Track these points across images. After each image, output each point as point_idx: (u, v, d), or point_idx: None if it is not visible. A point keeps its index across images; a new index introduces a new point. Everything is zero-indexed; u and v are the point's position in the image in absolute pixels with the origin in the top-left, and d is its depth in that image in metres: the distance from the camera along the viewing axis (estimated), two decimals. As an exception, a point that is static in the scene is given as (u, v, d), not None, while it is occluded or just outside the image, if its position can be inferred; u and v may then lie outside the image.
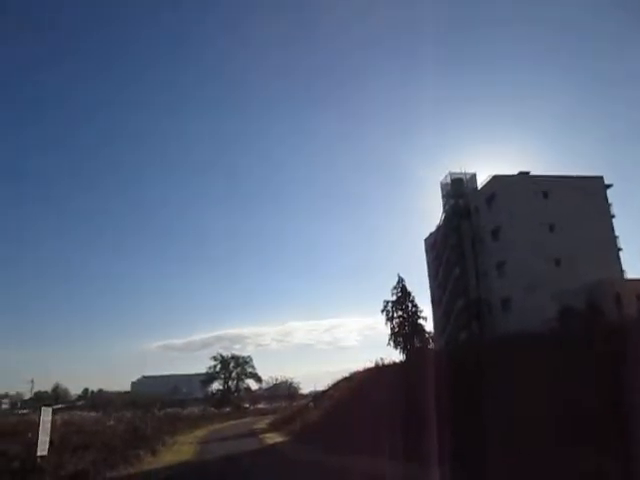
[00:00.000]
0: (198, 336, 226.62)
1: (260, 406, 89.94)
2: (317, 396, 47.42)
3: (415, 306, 47.99)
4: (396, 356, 42.54)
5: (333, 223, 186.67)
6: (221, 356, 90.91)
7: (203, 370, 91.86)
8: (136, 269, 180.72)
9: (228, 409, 77.20)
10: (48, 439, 15.89)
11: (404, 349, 45.39)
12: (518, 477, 10.43)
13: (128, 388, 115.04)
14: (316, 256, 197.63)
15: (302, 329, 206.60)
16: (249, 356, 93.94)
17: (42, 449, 15.44)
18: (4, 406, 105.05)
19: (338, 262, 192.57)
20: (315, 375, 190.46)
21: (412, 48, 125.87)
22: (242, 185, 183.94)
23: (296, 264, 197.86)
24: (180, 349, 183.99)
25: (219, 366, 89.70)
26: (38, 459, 15.29)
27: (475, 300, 44.56)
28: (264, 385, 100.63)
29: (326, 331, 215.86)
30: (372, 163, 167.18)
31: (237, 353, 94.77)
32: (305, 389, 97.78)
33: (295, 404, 61.54)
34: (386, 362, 31.59)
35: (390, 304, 48.15)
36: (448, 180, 49.13)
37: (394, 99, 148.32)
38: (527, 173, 44.01)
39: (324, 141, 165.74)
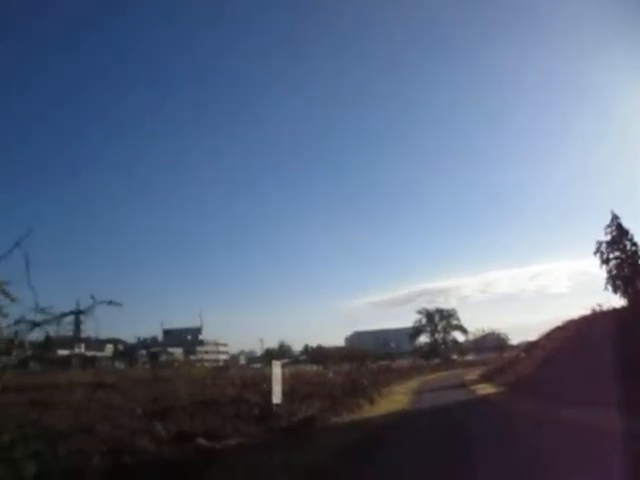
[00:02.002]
0: (403, 291, 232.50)
1: (468, 358, 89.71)
2: (528, 346, 45.75)
3: (635, 245, 43.09)
4: (615, 302, 38.83)
5: (528, 161, 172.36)
6: (426, 310, 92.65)
7: (409, 324, 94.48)
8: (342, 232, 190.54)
9: (437, 361, 78.52)
10: (280, 389, 18.02)
11: (624, 293, 41.30)
12: None
13: (342, 343, 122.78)
14: (513, 199, 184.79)
15: (504, 278, 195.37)
16: (453, 309, 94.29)
17: (276, 397, 17.45)
18: (241, 361, 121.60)
19: (538, 203, 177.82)
20: (521, 325, 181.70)
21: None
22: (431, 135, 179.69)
23: (490, 210, 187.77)
24: (387, 305, 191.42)
25: (424, 320, 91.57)
26: (274, 406, 17.27)
27: None
28: (470, 337, 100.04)
29: (531, 279, 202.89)
30: (571, 93, 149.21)
31: (440, 306, 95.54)
32: (513, 340, 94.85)
33: (505, 355, 60.15)
34: (604, 308, 29.20)
35: (604, 245, 43.97)
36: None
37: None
38: None
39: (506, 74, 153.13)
